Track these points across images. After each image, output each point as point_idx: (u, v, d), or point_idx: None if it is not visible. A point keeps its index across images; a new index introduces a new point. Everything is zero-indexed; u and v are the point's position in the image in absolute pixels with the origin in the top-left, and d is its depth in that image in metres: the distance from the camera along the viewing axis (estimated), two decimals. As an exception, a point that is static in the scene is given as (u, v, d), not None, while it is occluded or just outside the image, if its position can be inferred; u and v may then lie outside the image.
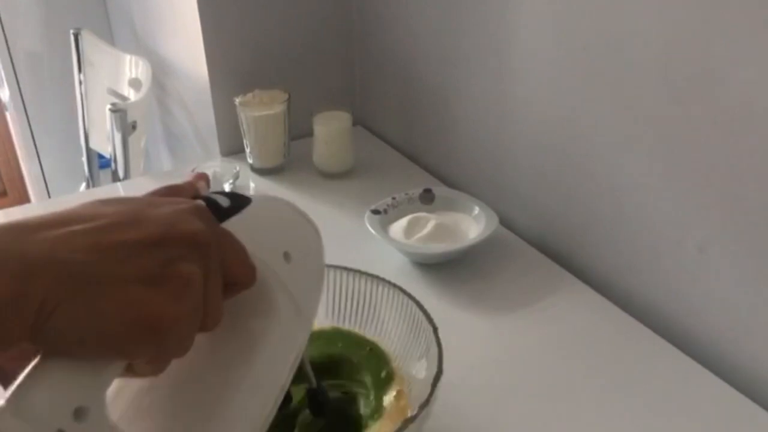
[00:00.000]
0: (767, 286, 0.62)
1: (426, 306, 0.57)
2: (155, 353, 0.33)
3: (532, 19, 0.79)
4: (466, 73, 0.93)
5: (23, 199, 2.16)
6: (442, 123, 1.01)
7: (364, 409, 0.56)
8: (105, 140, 1.51)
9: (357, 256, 0.64)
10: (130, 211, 0.34)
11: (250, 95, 1.04)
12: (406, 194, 0.90)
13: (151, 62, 1.43)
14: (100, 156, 1.68)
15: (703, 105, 0.63)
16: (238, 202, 0.41)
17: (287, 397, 0.50)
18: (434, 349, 0.53)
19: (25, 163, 2.03)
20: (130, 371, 0.34)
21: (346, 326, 0.62)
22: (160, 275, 0.32)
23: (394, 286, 0.59)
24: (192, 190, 0.41)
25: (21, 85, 1.82)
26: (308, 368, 0.50)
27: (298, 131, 1.09)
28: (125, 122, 1.40)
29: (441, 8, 0.94)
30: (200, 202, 0.38)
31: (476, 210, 0.86)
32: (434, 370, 0.52)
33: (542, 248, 0.85)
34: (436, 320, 0.56)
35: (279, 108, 1.03)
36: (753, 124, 0.59)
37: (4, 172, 2.20)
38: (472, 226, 0.84)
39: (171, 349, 0.34)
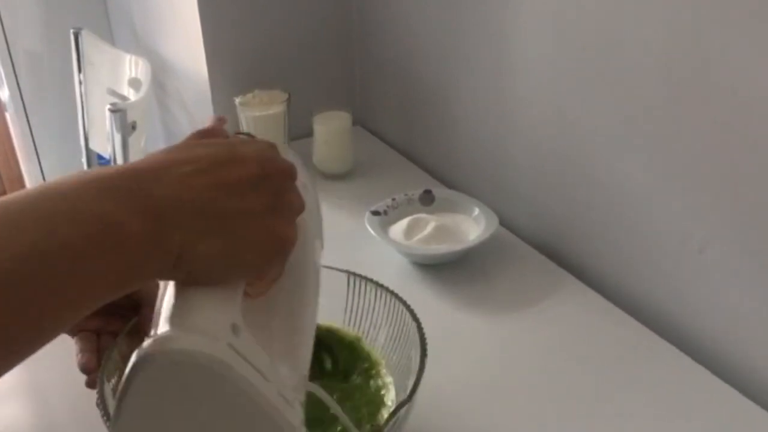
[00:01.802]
0: (767, 286, 0.62)
1: (426, 307, 0.57)
2: (277, 270, 0.39)
3: (531, 19, 0.79)
4: (466, 73, 0.93)
5: (23, 199, 2.15)
6: (442, 123, 1.01)
7: None
8: (105, 140, 1.51)
9: (357, 257, 0.64)
10: (225, 152, 0.37)
11: (250, 95, 1.04)
12: (406, 195, 0.90)
13: (151, 62, 1.43)
14: (100, 156, 1.68)
15: (704, 105, 0.63)
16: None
17: None
18: (414, 333, 0.55)
19: (25, 164, 2.03)
20: (245, 293, 0.38)
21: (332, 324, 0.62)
22: (274, 204, 0.37)
23: (370, 280, 0.60)
24: (219, 132, 0.44)
25: (21, 85, 1.82)
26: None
27: (298, 131, 1.09)
28: (125, 122, 1.40)
29: (441, 8, 0.94)
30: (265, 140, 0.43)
31: (476, 211, 0.86)
32: (419, 352, 0.53)
33: (542, 249, 0.85)
34: (436, 321, 0.56)
35: (279, 108, 1.03)
36: (753, 125, 0.59)
37: (3, 173, 2.20)
38: (472, 227, 0.84)
39: (284, 266, 0.39)
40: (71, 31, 1.57)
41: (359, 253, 0.83)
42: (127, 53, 1.49)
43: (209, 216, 0.34)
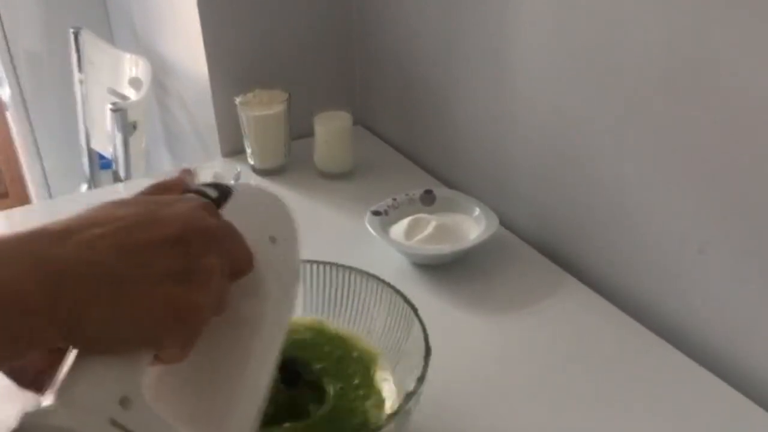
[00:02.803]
0: (767, 286, 0.62)
1: (426, 307, 0.57)
2: (183, 341, 0.35)
3: (532, 19, 0.79)
4: (467, 73, 0.93)
5: (24, 199, 2.16)
6: (442, 123, 1.01)
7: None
8: (106, 140, 1.52)
9: (357, 257, 0.64)
10: (145, 212, 0.35)
11: (250, 95, 1.04)
12: (407, 195, 0.90)
13: (151, 62, 1.43)
14: (101, 156, 1.68)
15: (704, 105, 0.63)
16: (223, 191, 0.44)
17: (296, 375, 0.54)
18: (417, 329, 0.55)
19: (26, 164, 2.03)
20: (158, 360, 0.36)
21: (332, 322, 0.63)
22: (184, 270, 0.34)
23: (370, 275, 0.60)
24: (181, 185, 0.43)
25: (21, 85, 1.82)
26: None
27: (298, 131, 1.09)
28: (126, 122, 1.40)
29: (441, 8, 0.94)
30: (198, 197, 0.40)
31: (477, 211, 0.86)
32: (422, 346, 0.53)
33: (542, 249, 0.85)
34: (436, 321, 0.56)
35: (279, 108, 1.03)
36: (753, 125, 0.59)
37: (5, 172, 2.20)
38: (473, 227, 0.84)
39: (195, 335, 0.36)
40: (71, 30, 1.57)
41: (359, 253, 0.83)
42: (127, 53, 1.49)
43: (105, 281, 0.32)
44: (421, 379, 0.50)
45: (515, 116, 0.86)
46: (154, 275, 0.33)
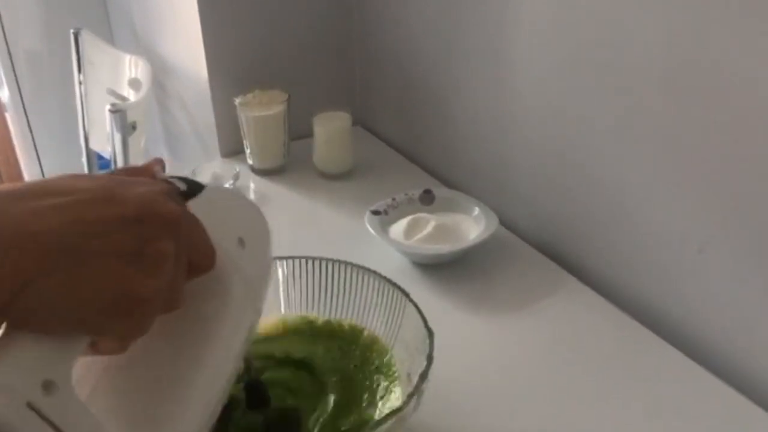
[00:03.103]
0: (766, 286, 0.62)
1: (425, 306, 0.57)
2: (125, 330, 0.33)
3: (532, 18, 0.79)
4: (466, 73, 0.93)
5: (23, 199, 2.15)
6: (442, 123, 1.01)
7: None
8: (105, 140, 1.52)
9: (356, 256, 0.64)
10: (106, 188, 0.34)
11: (250, 95, 1.04)
12: (406, 195, 0.90)
13: (151, 62, 1.43)
14: (100, 156, 1.68)
15: (704, 106, 0.63)
16: (194, 186, 0.42)
17: (266, 399, 0.51)
18: (414, 314, 0.55)
19: (25, 164, 2.03)
20: (93, 349, 0.34)
21: (335, 316, 0.63)
22: (137, 251, 0.33)
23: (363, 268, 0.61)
24: (150, 172, 0.41)
25: (21, 85, 1.82)
26: (250, 359, 0.51)
27: (298, 131, 1.09)
28: (125, 122, 1.40)
29: (441, 8, 0.94)
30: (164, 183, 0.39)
31: (476, 211, 0.86)
32: (424, 331, 0.54)
33: (542, 249, 0.85)
34: (435, 321, 0.55)
35: (279, 108, 1.03)
36: (753, 125, 0.59)
37: (3, 172, 2.20)
38: (472, 226, 0.84)
39: (139, 327, 0.34)
40: (71, 31, 1.57)
41: (359, 252, 0.82)
42: (127, 53, 1.49)
43: (54, 255, 0.30)
44: (428, 365, 0.51)
45: (515, 116, 0.86)
46: (103, 253, 0.31)
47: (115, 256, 0.32)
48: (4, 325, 0.31)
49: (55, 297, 0.30)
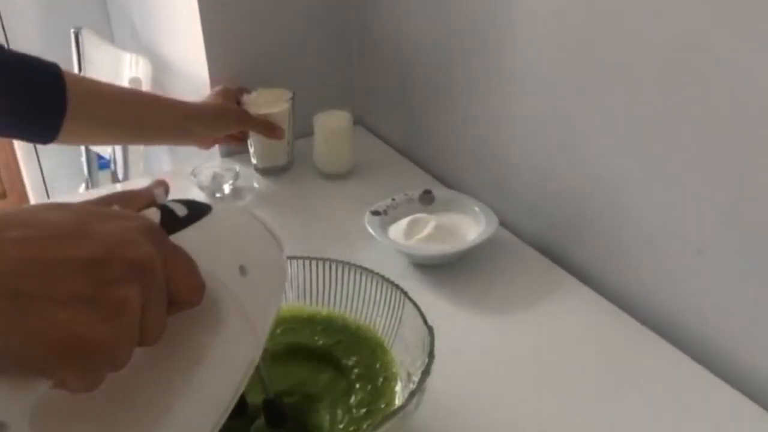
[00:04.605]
0: (766, 286, 0.62)
1: (425, 307, 0.57)
2: (81, 373, 0.31)
3: (532, 18, 0.79)
4: (466, 73, 0.93)
5: (23, 200, 2.16)
6: (442, 123, 1.01)
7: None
8: (105, 140, 1.51)
9: (357, 256, 0.64)
10: (74, 223, 0.32)
11: (254, 93, 1.04)
12: (406, 195, 0.90)
13: (151, 62, 1.43)
14: (100, 157, 1.68)
15: (704, 105, 0.63)
16: (197, 210, 0.40)
17: (243, 405, 0.49)
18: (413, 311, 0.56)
19: (25, 165, 2.03)
20: (61, 386, 0.32)
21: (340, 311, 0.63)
22: (93, 296, 0.31)
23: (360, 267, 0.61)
24: (148, 197, 0.40)
25: (21, 85, 1.81)
26: (265, 379, 0.49)
27: (299, 131, 1.09)
28: (125, 122, 1.39)
29: (441, 8, 0.94)
30: (153, 220, 0.36)
31: (476, 211, 0.86)
32: (424, 329, 0.54)
33: (542, 249, 0.85)
34: (435, 321, 0.55)
35: (284, 106, 1.03)
36: (753, 125, 0.59)
37: (3, 173, 2.20)
38: (472, 227, 0.84)
39: (101, 369, 0.32)
40: (71, 30, 1.57)
41: (359, 252, 0.83)
42: (127, 52, 1.49)
43: (2, 293, 0.29)
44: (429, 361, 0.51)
45: (515, 116, 0.86)
46: (57, 295, 0.30)
47: (67, 299, 0.30)
48: None
49: (4, 338, 0.29)
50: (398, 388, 0.56)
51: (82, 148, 1.68)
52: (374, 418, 0.54)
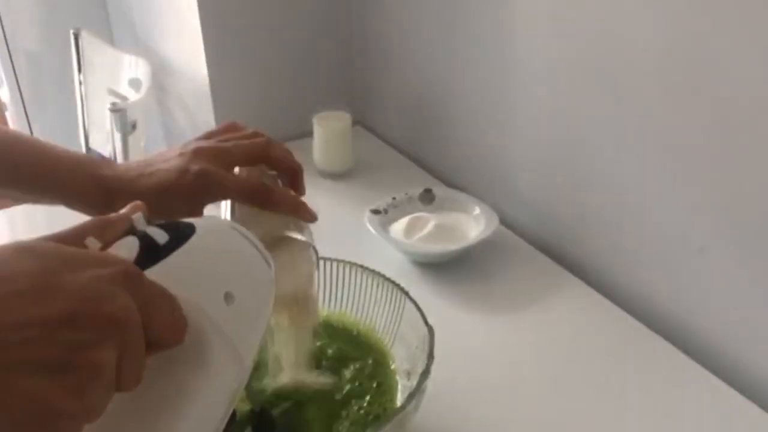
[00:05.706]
0: (766, 286, 0.62)
1: (426, 306, 0.57)
2: None
3: (532, 18, 0.79)
4: (466, 73, 0.93)
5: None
6: (442, 122, 1.01)
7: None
8: (105, 140, 1.51)
9: (357, 255, 0.64)
10: (40, 275, 0.28)
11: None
12: (406, 194, 0.90)
13: (151, 62, 1.43)
14: (100, 156, 1.68)
15: (704, 105, 0.63)
16: (179, 234, 0.37)
17: (231, 416, 0.48)
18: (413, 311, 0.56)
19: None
20: None
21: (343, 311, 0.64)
22: (63, 363, 0.27)
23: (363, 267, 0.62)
24: (124, 224, 0.37)
25: (21, 85, 1.82)
26: (251, 395, 0.49)
27: (299, 131, 1.09)
28: (125, 122, 1.40)
29: (441, 8, 0.94)
30: (129, 261, 0.34)
31: (476, 210, 0.86)
32: (424, 329, 0.54)
33: (542, 248, 0.85)
34: (435, 320, 0.56)
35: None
36: (753, 125, 0.59)
37: (4, 173, 2.20)
38: (473, 226, 0.84)
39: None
40: (71, 31, 1.57)
41: (359, 251, 0.82)
42: (127, 53, 1.49)
43: None
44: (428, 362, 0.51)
45: (515, 115, 0.86)
46: (20, 362, 0.27)
47: (34, 367, 0.27)
48: None
49: None
50: (398, 388, 0.57)
51: (83, 146, 1.68)
52: (374, 419, 0.54)
